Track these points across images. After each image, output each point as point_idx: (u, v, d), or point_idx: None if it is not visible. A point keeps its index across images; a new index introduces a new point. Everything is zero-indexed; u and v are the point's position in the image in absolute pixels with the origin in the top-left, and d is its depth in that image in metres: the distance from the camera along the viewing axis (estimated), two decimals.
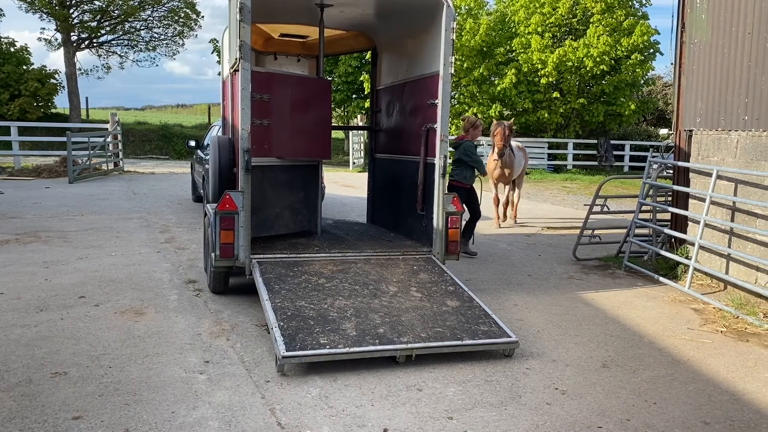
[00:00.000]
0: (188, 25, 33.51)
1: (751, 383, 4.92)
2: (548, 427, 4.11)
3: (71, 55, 30.56)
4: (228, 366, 4.91)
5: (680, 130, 8.78)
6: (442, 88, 6.61)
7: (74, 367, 4.76)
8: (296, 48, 9.43)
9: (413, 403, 4.38)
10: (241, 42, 5.98)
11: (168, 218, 11.66)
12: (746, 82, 7.56)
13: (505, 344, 5.27)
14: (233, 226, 6.11)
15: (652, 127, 35.30)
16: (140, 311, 6.16)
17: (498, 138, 10.51)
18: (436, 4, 6.56)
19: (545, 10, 25.76)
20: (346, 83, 28.48)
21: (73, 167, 17.12)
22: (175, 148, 28.33)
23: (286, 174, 7.43)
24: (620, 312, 6.66)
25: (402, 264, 6.60)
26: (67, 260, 8.09)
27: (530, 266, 8.74)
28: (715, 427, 4.19)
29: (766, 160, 7.31)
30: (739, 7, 7.68)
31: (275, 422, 4.04)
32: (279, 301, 5.47)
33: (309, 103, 7.24)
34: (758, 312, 6.53)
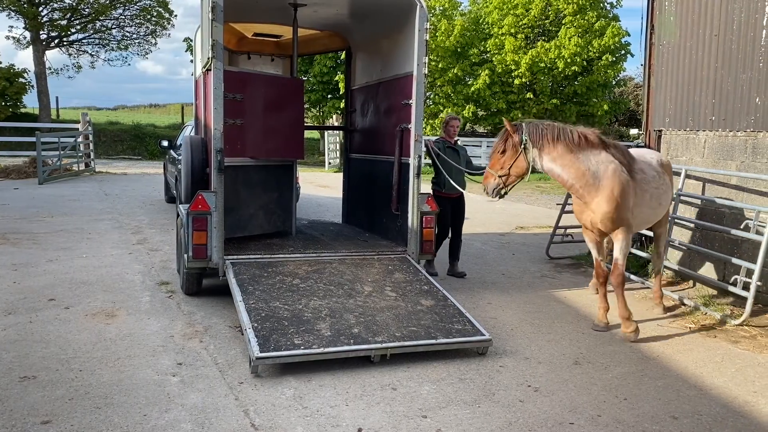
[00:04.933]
0: (161, 24, 33.11)
1: (718, 378, 5.03)
2: (521, 424, 4.16)
3: (40, 54, 30.01)
4: (201, 368, 4.87)
5: (650, 130, 8.93)
6: (416, 89, 6.64)
7: (43, 371, 4.68)
8: (270, 47, 9.39)
9: (388, 402, 4.39)
10: (214, 41, 5.94)
11: (140, 219, 11.52)
12: (713, 83, 7.72)
13: (479, 342, 5.31)
14: (206, 226, 6.06)
15: (624, 128, 35.84)
16: (112, 313, 6.08)
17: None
18: (410, 4, 6.59)
19: (518, 12, 25.99)
20: (322, 83, 28.40)
21: (42, 168, 16.82)
22: (148, 148, 27.99)
23: (259, 174, 7.39)
24: (592, 310, 6.74)
25: (377, 264, 6.61)
26: (36, 262, 7.95)
27: (504, 265, 8.81)
28: (683, 421, 4.27)
29: (732, 160, 7.47)
30: (706, 10, 7.84)
31: (249, 423, 4.03)
32: (253, 302, 5.44)
33: (282, 103, 7.22)
34: (726, 308, 6.67)
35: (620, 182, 5.81)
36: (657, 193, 6.26)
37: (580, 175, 5.82)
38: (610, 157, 5.86)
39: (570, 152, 5.83)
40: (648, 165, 6.35)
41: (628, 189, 5.86)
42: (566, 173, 5.87)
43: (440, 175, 7.74)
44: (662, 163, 6.63)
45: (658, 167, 6.47)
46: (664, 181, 6.43)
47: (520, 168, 5.93)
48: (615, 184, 5.79)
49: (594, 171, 5.81)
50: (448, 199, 7.86)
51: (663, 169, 6.53)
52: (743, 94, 7.30)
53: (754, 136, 7.20)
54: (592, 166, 5.82)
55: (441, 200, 7.70)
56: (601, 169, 5.81)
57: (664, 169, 6.54)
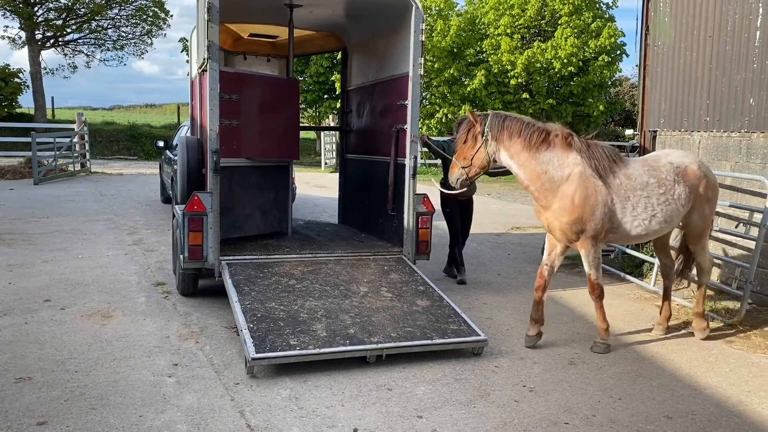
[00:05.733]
0: (156, 24, 33.02)
1: (712, 378, 5.05)
2: (516, 424, 4.17)
3: (36, 54, 29.90)
4: (197, 369, 4.87)
5: (645, 130, 8.96)
6: (412, 89, 6.65)
7: (39, 372, 4.68)
8: (266, 48, 9.39)
9: (383, 402, 4.40)
10: (210, 42, 5.94)
11: (136, 220, 11.51)
12: (707, 84, 7.75)
13: (475, 343, 5.33)
14: (202, 227, 6.07)
15: (620, 128, 35.90)
16: (107, 314, 6.07)
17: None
18: (405, 5, 6.60)
19: (514, 12, 26.00)
20: (318, 83, 28.37)
21: (38, 168, 16.77)
22: (144, 148, 27.91)
23: (255, 174, 7.40)
24: (587, 310, 6.77)
25: (373, 264, 6.62)
26: (32, 263, 7.94)
27: (499, 265, 8.83)
28: (677, 421, 4.29)
29: (726, 160, 7.51)
30: (700, 11, 7.88)
31: (245, 424, 4.03)
32: (249, 302, 5.45)
33: (277, 104, 7.22)
34: (720, 308, 6.70)
35: (583, 189, 5.28)
36: (652, 203, 5.47)
37: (535, 176, 5.41)
38: (578, 160, 5.34)
39: (528, 150, 5.41)
40: (649, 169, 5.58)
41: (594, 197, 5.29)
42: (522, 172, 5.49)
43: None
44: (680, 170, 5.64)
45: (670, 174, 5.58)
46: (671, 190, 5.54)
47: (481, 160, 5.58)
48: (575, 191, 5.28)
49: (552, 174, 5.35)
50: (456, 201, 7.77)
51: (679, 176, 5.60)
52: (737, 94, 7.34)
53: (748, 137, 7.23)
54: (551, 169, 5.35)
55: (449, 201, 7.72)
56: (563, 173, 5.33)
57: (681, 177, 5.60)
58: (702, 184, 5.72)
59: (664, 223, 5.59)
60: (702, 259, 6.09)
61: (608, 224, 5.40)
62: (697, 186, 5.69)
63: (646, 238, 5.82)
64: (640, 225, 5.49)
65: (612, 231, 5.48)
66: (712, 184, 5.86)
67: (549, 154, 5.38)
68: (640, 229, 5.51)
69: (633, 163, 5.62)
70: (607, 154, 5.46)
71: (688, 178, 5.66)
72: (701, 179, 5.73)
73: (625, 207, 5.43)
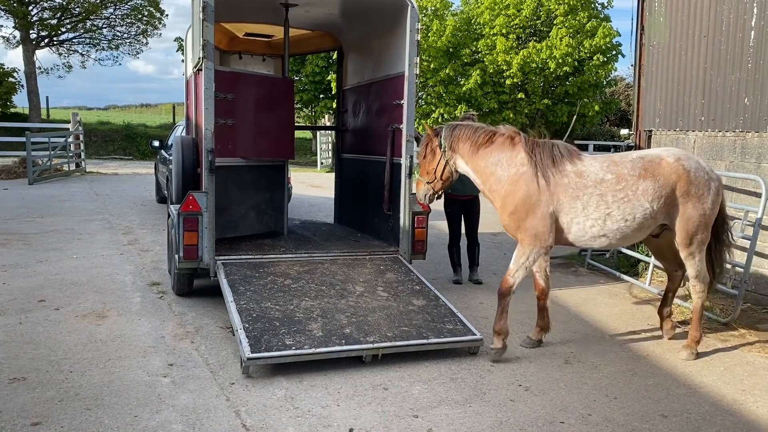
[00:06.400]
0: (152, 24, 32.93)
1: (707, 377, 5.06)
2: (512, 423, 4.17)
3: (30, 54, 29.79)
4: (192, 369, 4.86)
5: (640, 130, 8.98)
6: (408, 89, 6.65)
7: (33, 372, 4.66)
8: (261, 47, 9.38)
9: (379, 402, 4.40)
10: (205, 41, 5.93)
11: (131, 220, 11.47)
12: (702, 84, 7.78)
13: (471, 342, 5.33)
14: (197, 227, 6.05)
15: (615, 128, 35.98)
16: (102, 314, 6.05)
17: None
18: (401, 4, 6.59)
19: (510, 12, 26.03)
20: (313, 83, 28.34)
21: (32, 168, 16.71)
22: (139, 148, 27.84)
23: (251, 174, 7.38)
24: (583, 309, 6.78)
25: (369, 264, 6.62)
26: (26, 263, 7.90)
27: (496, 265, 8.83)
28: (672, 420, 4.30)
29: (721, 160, 7.53)
30: (695, 11, 7.89)
31: (240, 424, 4.02)
32: (244, 302, 5.43)
33: (273, 103, 7.21)
34: (715, 307, 6.72)
35: (524, 188, 5.16)
36: (606, 200, 5.10)
37: (485, 178, 5.41)
38: (524, 160, 5.23)
39: (478, 153, 5.39)
40: (609, 165, 5.24)
41: (535, 196, 5.13)
42: (476, 176, 5.48)
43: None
44: (652, 163, 5.21)
45: (635, 169, 5.19)
46: (632, 186, 5.13)
47: (444, 172, 5.58)
48: (514, 190, 5.20)
49: (500, 175, 5.30)
50: (458, 201, 7.73)
51: (648, 171, 5.17)
52: (732, 94, 7.36)
53: (742, 137, 7.25)
54: (499, 170, 5.30)
55: (450, 201, 7.70)
56: (510, 172, 5.26)
57: (650, 172, 5.17)
58: (682, 180, 5.17)
59: (624, 222, 5.13)
60: (692, 271, 5.45)
61: (555, 225, 5.17)
62: (673, 181, 5.17)
63: (613, 240, 5.31)
64: (594, 225, 5.15)
65: (565, 233, 5.23)
66: (697, 180, 5.22)
67: (498, 156, 5.35)
68: (595, 230, 5.17)
69: (592, 160, 5.30)
70: (551, 154, 5.23)
71: (661, 172, 5.18)
72: (680, 174, 5.18)
73: (574, 207, 5.14)
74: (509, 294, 5.32)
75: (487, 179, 5.39)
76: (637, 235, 5.38)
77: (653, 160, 5.25)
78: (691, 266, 5.44)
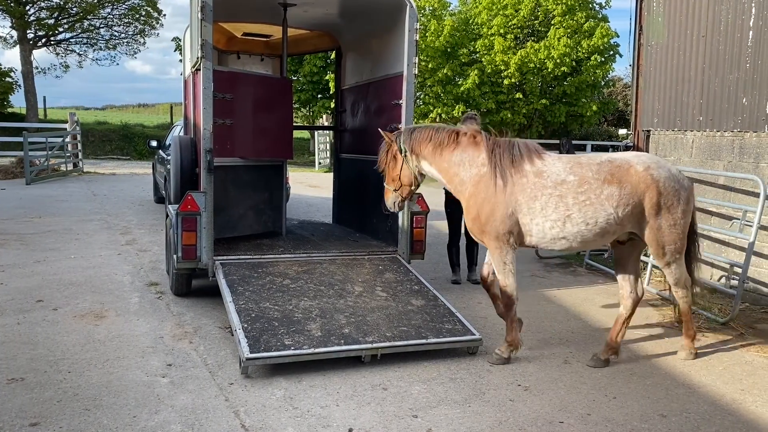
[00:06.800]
0: (149, 24, 32.88)
1: (706, 376, 5.07)
2: (511, 423, 4.17)
3: (27, 53, 29.72)
4: (191, 369, 4.85)
5: (638, 130, 8.99)
6: (406, 89, 6.64)
7: (31, 373, 4.65)
8: (260, 47, 9.36)
9: (378, 402, 4.39)
10: (203, 41, 5.92)
11: (129, 220, 11.46)
12: (701, 84, 7.78)
13: (470, 342, 5.33)
14: (195, 227, 6.04)
15: (613, 128, 36.02)
16: (100, 315, 6.04)
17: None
18: (399, 4, 6.59)
19: (508, 12, 26.04)
20: (311, 83, 28.31)
21: (30, 168, 16.68)
22: (137, 148, 27.80)
23: (249, 174, 7.37)
24: (581, 309, 6.79)
25: (367, 264, 6.61)
26: (24, 263, 7.89)
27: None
28: (671, 419, 4.30)
29: (719, 160, 7.54)
30: (693, 11, 7.90)
31: (239, 424, 4.02)
32: (243, 302, 5.42)
33: (271, 103, 7.21)
34: (713, 307, 6.72)
35: (484, 190, 5.11)
36: (566, 202, 4.93)
37: (450, 179, 5.37)
38: (485, 160, 5.16)
39: (441, 154, 5.32)
40: (573, 167, 5.03)
41: (494, 197, 5.05)
42: (441, 176, 5.42)
43: None
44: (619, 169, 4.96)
45: (601, 172, 4.96)
46: (596, 190, 4.91)
47: (408, 177, 5.51)
48: (475, 192, 5.16)
49: (462, 176, 5.25)
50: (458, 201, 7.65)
51: (615, 176, 4.93)
52: (730, 94, 7.37)
53: (741, 136, 7.26)
54: (461, 171, 5.25)
55: (451, 202, 7.67)
56: (471, 173, 5.20)
57: (616, 177, 4.93)
58: (651, 190, 4.92)
59: (585, 225, 4.94)
60: (671, 279, 5.32)
61: (517, 227, 5.06)
62: (642, 191, 4.93)
63: (574, 243, 5.10)
64: (554, 227, 4.98)
65: (527, 234, 5.10)
66: (667, 190, 4.95)
67: (461, 156, 5.27)
68: (555, 231, 4.99)
69: (555, 161, 5.12)
70: (510, 153, 5.11)
71: (628, 179, 4.94)
72: (648, 184, 4.92)
73: (533, 207, 5.00)
74: (513, 304, 5.24)
75: (452, 180, 5.34)
76: (601, 240, 5.19)
77: (621, 166, 5.01)
78: (669, 274, 5.31)
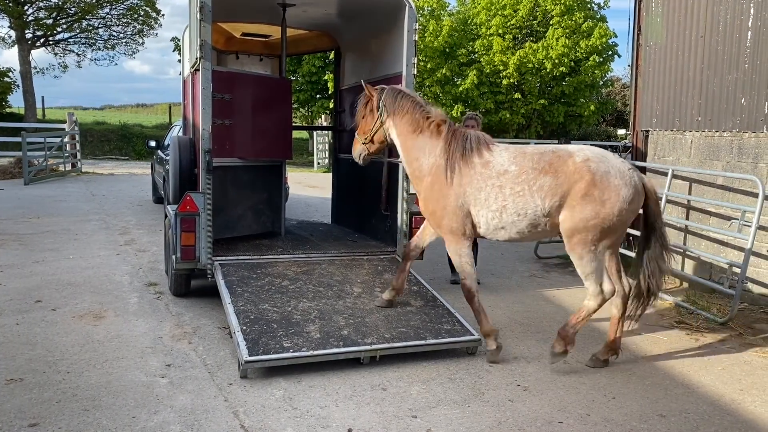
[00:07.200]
0: (148, 24, 32.86)
1: (705, 377, 5.07)
2: (510, 423, 4.17)
3: (26, 53, 29.68)
4: (190, 369, 4.85)
5: (637, 130, 8.99)
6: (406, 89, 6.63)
7: (30, 373, 4.64)
8: (259, 47, 9.36)
9: (378, 402, 4.39)
10: (202, 41, 5.92)
11: (128, 220, 11.45)
12: (699, 84, 7.79)
13: (469, 342, 5.32)
14: (194, 227, 6.03)
15: (611, 128, 36.06)
16: (99, 315, 6.04)
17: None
18: (399, 4, 6.59)
19: (506, 12, 26.06)
20: (310, 83, 28.32)
21: (28, 168, 16.66)
22: (135, 148, 27.78)
23: (248, 174, 7.37)
24: None
25: (366, 264, 6.61)
26: (22, 264, 7.88)
27: (493, 265, 8.84)
28: (671, 419, 4.31)
29: (718, 160, 7.55)
30: (692, 12, 7.91)
31: (239, 425, 4.01)
32: (242, 304, 5.42)
33: (270, 103, 7.21)
34: (712, 307, 6.73)
35: (436, 182, 5.14)
36: (504, 193, 4.90)
37: (409, 161, 5.40)
38: (442, 151, 5.16)
39: (411, 132, 5.29)
40: (516, 157, 4.98)
41: (446, 189, 5.08)
42: (403, 154, 5.42)
43: None
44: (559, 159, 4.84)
45: (541, 163, 4.88)
46: (531, 180, 4.84)
47: (380, 136, 5.52)
48: (431, 183, 5.18)
49: (422, 163, 5.27)
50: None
51: (553, 166, 4.83)
52: (729, 94, 7.37)
53: (739, 137, 7.27)
54: (422, 156, 5.25)
55: None
56: (429, 162, 5.22)
57: (554, 167, 4.82)
58: (584, 181, 4.73)
59: (517, 216, 4.88)
60: (580, 271, 4.95)
61: (469, 218, 5.08)
62: (574, 181, 4.76)
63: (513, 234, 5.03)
64: (494, 217, 4.97)
65: (477, 225, 5.10)
66: (604, 184, 4.72)
67: (425, 141, 5.26)
68: (495, 221, 4.98)
69: (503, 151, 5.09)
70: (463, 145, 5.11)
71: (564, 170, 4.80)
72: (583, 175, 4.74)
73: (478, 198, 5.00)
74: (474, 296, 5.23)
75: (411, 163, 5.36)
76: (536, 233, 5.04)
77: (561, 156, 4.87)
78: (577, 266, 4.96)
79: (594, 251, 4.84)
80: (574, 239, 4.83)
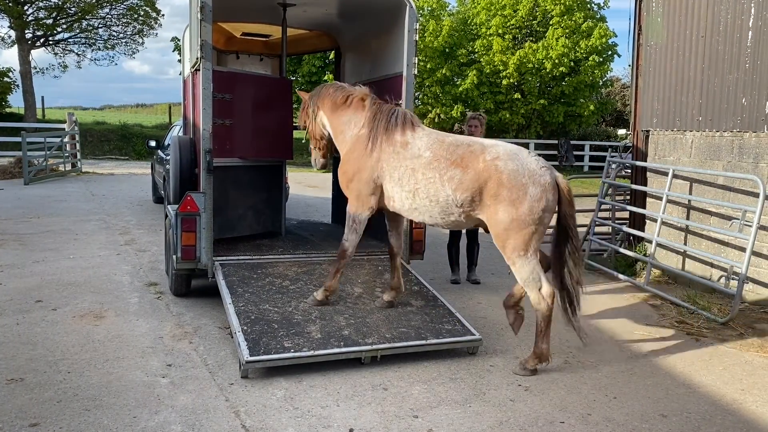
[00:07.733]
0: (148, 24, 32.83)
1: (706, 376, 5.07)
2: (512, 423, 4.17)
3: (26, 53, 29.66)
4: (191, 369, 4.84)
5: (638, 130, 8.99)
6: (406, 89, 6.64)
7: (31, 373, 4.64)
8: (259, 47, 9.36)
9: (379, 402, 4.39)
10: (203, 41, 5.91)
11: (128, 220, 11.44)
12: (700, 84, 7.79)
13: (469, 342, 5.32)
14: (195, 227, 6.03)
15: (611, 128, 36.04)
16: (100, 315, 6.03)
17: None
18: (399, 5, 6.59)
19: (506, 12, 26.08)
20: (310, 83, 28.32)
21: (28, 168, 16.64)
22: (135, 148, 27.75)
23: (249, 174, 7.37)
24: (582, 308, 6.77)
25: (367, 264, 6.61)
26: (23, 264, 7.87)
27: (493, 264, 8.83)
28: (672, 419, 4.30)
29: (719, 160, 7.54)
30: (693, 12, 7.91)
31: (240, 425, 4.01)
32: (242, 304, 5.42)
33: (270, 103, 7.20)
34: (713, 307, 6.73)
35: (356, 150, 5.42)
36: (416, 177, 5.06)
37: (336, 135, 5.72)
38: (366, 123, 5.45)
39: (335, 111, 5.65)
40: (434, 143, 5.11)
41: (362, 160, 5.34)
42: (332, 132, 5.74)
43: None
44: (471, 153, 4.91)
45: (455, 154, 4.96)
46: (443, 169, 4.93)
47: (320, 132, 5.88)
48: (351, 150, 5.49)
49: (346, 134, 5.59)
50: None
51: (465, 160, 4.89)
52: (729, 94, 7.37)
53: (740, 137, 7.27)
54: (346, 129, 5.58)
55: None
56: (353, 133, 5.53)
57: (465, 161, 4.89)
58: (492, 180, 4.77)
59: (429, 201, 5.03)
60: (518, 277, 4.99)
61: (380, 191, 5.34)
62: (484, 179, 4.81)
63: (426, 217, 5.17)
64: (408, 198, 5.15)
65: (389, 199, 5.31)
66: (511, 183, 4.73)
67: (350, 116, 5.57)
68: (408, 202, 5.16)
69: (424, 135, 5.23)
70: (387, 121, 5.31)
71: (474, 165, 4.87)
72: (491, 174, 4.78)
73: (393, 176, 5.23)
74: (345, 258, 5.57)
75: (337, 137, 5.68)
76: (450, 220, 5.12)
77: (474, 152, 4.93)
78: (515, 272, 4.99)
79: (524, 256, 4.86)
80: (504, 247, 4.94)
